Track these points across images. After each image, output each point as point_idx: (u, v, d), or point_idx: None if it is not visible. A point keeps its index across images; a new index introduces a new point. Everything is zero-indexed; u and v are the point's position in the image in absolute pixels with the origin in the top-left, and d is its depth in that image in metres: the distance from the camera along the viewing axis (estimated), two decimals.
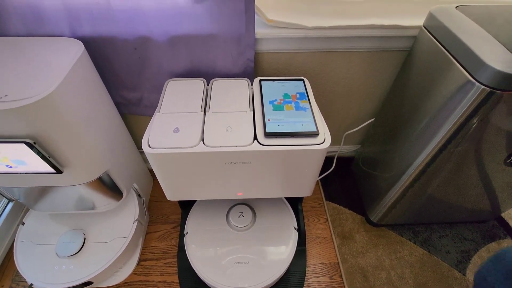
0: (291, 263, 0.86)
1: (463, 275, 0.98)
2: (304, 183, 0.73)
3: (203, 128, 0.62)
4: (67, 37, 0.70)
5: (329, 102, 1.02)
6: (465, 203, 0.96)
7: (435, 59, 0.68)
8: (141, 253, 1.01)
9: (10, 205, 1.03)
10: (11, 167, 0.63)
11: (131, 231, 0.90)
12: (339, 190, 1.21)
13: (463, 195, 0.91)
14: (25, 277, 0.81)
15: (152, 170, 0.66)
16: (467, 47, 0.59)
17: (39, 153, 0.59)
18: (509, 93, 0.55)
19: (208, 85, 0.73)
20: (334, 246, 1.04)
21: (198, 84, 0.73)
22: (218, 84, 0.73)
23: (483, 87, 0.56)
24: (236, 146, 0.59)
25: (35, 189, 0.79)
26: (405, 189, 0.86)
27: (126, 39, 0.72)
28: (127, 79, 0.83)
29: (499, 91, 0.55)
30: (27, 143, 0.56)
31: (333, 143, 0.89)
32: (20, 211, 1.07)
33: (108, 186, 0.82)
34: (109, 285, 0.93)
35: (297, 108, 0.66)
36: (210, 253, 0.86)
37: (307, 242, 1.05)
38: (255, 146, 0.59)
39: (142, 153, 1.07)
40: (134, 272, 0.96)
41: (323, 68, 0.88)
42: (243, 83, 0.73)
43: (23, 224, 0.91)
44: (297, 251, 0.88)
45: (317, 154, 0.62)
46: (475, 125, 0.63)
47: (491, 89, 0.55)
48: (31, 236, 0.89)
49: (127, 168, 0.92)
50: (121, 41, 0.72)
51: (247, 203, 0.96)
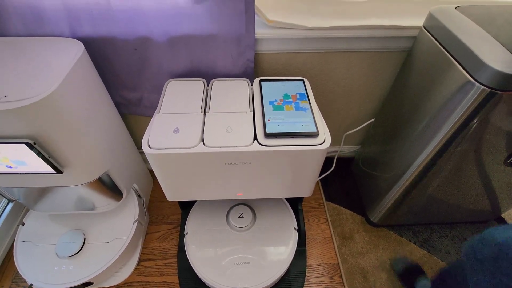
0: (291, 263, 0.86)
1: None
2: (304, 184, 0.73)
3: (203, 128, 0.62)
4: (67, 37, 0.70)
5: (329, 102, 1.02)
6: (465, 203, 0.96)
7: (435, 59, 0.69)
8: (141, 254, 1.01)
9: (10, 205, 1.03)
10: (11, 167, 0.63)
11: (131, 232, 0.90)
12: (339, 190, 1.21)
13: (463, 195, 0.91)
14: (25, 278, 0.81)
15: (152, 170, 0.66)
16: (467, 48, 0.59)
17: (39, 154, 0.59)
18: (509, 93, 0.55)
19: (208, 86, 0.73)
20: (334, 246, 1.04)
21: (198, 84, 0.73)
22: (218, 84, 0.73)
23: (483, 87, 0.56)
24: (236, 146, 0.59)
25: (35, 190, 0.79)
26: (405, 189, 0.86)
27: (126, 39, 0.72)
28: (127, 79, 0.83)
29: (499, 91, 0.55)
30: (27, 144, 0.56)
31: (333, 143, 0.89)
32: (20, 211, 1.07)
33: (108, 186, 0.82)
34: (109, 286, 0.93)
35: (297, 108, 0.66)
36: (210, 253, 0.86)
37: (307, 242, 1.04)
38: (255, 146, 0.59)
39: (142, 153, 1.07)
40: (134, 272, 0.96)
41: (323, 68, 0.88)
42: (243, 83, 0.73)
43: (23, 224, 0.91)
44: (297, 252, 0.88)
45: (317, 154, 0.62)
46: (475, 125, 0.63)
47: (491, 90, 0.55)
48: (31, 236, 0.89)
49: (127, 168, 0.92)
50: (121, 41, 0.72)
51: (247, 204, 0.96)
